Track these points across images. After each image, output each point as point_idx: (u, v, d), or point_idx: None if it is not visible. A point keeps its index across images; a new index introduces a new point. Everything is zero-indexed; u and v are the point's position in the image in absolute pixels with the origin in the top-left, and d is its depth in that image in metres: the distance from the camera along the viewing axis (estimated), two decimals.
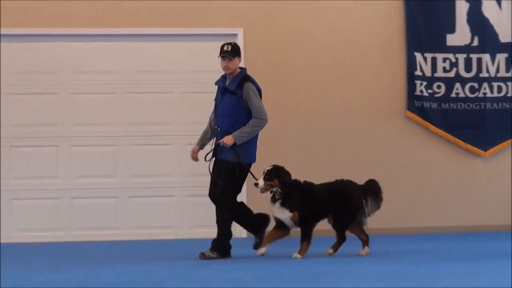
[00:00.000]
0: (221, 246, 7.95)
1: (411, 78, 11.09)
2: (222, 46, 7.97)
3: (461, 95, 11.11)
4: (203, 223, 11.02)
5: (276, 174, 7.80)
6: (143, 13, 10.97)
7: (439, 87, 11.08)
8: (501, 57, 11.12)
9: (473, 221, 11.25)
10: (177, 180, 11.17)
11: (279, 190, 7.79)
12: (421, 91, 11.09)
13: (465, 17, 11.13)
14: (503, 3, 11.18)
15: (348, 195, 8.27)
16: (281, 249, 8.24)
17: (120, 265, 7.96)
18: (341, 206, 8.23)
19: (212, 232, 8.17)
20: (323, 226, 8.51)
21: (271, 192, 7.82)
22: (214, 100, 8.24)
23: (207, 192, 8.81)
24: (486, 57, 11.12)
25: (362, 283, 6.03)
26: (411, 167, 11.27)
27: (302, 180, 8.01)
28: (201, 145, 8.31)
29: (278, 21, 11.16)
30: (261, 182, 7.73)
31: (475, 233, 10.92)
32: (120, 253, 9.66)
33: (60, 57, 11.12)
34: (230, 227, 8.12)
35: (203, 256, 7.71)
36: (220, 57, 7.97)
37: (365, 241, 8.36)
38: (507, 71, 11.20)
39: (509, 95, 11.21)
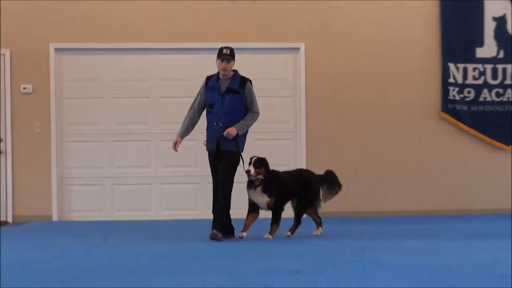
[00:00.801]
0: (226, 227, 8.35)
1: (445, 84, 11.55)
2: (221, 50, 8.17)
3: (488, 99, 11.57)
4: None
5: (263, 164, 8.20)
6: (217, 30, 11.35)
7: (469, 92, 11.56)
8: None
9: (498, 204, 11.66)
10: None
11: (261, 177, 8.17)
12: (454, 95, 11.55)
13: (492, 33, 11.58)
14: None
15: (308, 183, 8.79)
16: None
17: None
18: (303, 192, 8.73)
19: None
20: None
21: (250, 178, 8.13)
22: (206, 99, 8.31)
23: None
24: (510, 67, 11.53)
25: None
26: (445, 159, 11.70)
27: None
28: (183, 137, 8.51)
29: (334, 36, 11.60)
30: (252, 170, 8.07)
31: (499, 214, 11.39)
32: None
33: (149, 67, 11.62)
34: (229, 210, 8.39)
35: (214, 236, 8.06)
36: (219, 59, 8.14)
37: (319, 223, 8.95)
38: None
39: None
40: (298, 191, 8.68)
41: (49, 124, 11.40)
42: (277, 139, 11.72)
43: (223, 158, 8.25)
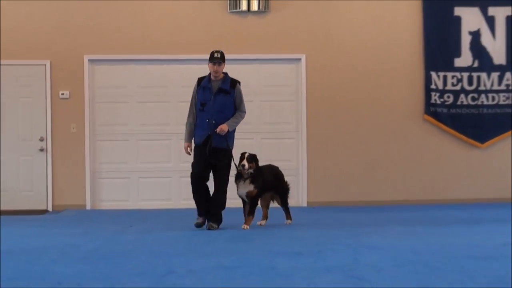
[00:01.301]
0: (220, 219, 8.16)
1: (427, 90, 11.49)
2: (213, 53, 7.93)
3: (465, 103, 11.50)
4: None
5: (254, 159, 7.97)
6: (229, 43, 11.00)
7: (448, 97, 11.49)
8: (495, 75, 11.49)
9: (475, 194, 11.68)
10: None
11: (251, 171, 7.90)
12: (435, 100, 11.49)
13: (468, 45, 11.53)
14: (497, 36, 11.50)
15: (281, 176, 8.67)
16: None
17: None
18: (280, 185, 8.60)
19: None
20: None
21: (238, 170, 7.94)
22: (199, 98, 8.05)
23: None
24: (483, 75, 11.48)
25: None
26: (428, 155, 11.64)
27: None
28: (190, 141, 8.28)
29: (330, 49, 11.50)
30: (246, 164, 7.84)
31: (477, 203, 11.42)
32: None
33: (169, 75, 11.60)
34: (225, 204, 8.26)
35: (211, 227, 7.90)
36: (211, 62, 7.88)
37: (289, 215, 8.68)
38: (499, 85, 11.55)
39: (500, 103, 11.54)
40: (273, 186, 8.52)
41: (83, 125, 11.45)
42: (282, 138, 11.74)
43: (219, 156, 8.03)
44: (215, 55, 7.91)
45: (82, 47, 11.35)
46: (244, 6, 11.23)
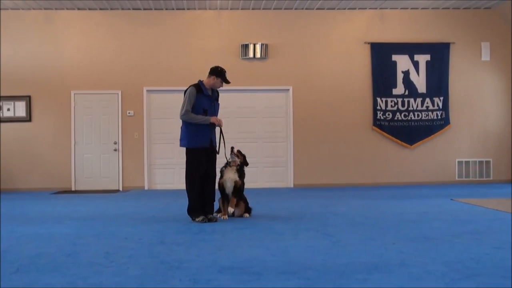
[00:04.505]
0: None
1: (375, 110, 11.34)
2: (225, 73, 6.18)
3: (399, 118, 11.36)
4: (278, 179, 11.09)
5: (241, 154, 6.37)
6: (240, 77, 10.94)
7: (388, 114, 11.34)
8: (419, 100, 11.37)
9: (404, 179, 11.42)
10: (258, 160, 11.13)
11: (238, 163, 6.24)
12: (380, 116, 11.35)
13: (401, 80, 11.41)
14: (420, 74, 11.37)
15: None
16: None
17: None
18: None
19: (276, 184, 8.17)
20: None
21: (234, 161, 6.26)
22: (202, 105, 6.05)
23: (275, 164, 9.33)
24: (411, 100, 11.35)
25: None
26: (375, 153, 11.43)
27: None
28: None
29: (309, 82, 11.32)
30: (239, 155, 6.29)
31: (406, 185, 11.16)
32: None
33: None
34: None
35: (214, 219, 5.99)
36: (221, 79, 6.13)
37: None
38: (421, 106, 11.36)
39: (423, 118, 11.36)
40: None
41: (143, 134, 11.27)
42: (276, 142, 11.57)
43: (214, 155, 6.16)
44: (227, 76, 6.20)
45: (142, 81, 11.25)
46: (251, 54, 11.20)
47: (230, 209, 6.13)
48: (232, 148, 6.36)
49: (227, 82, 6.18)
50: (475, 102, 11.65)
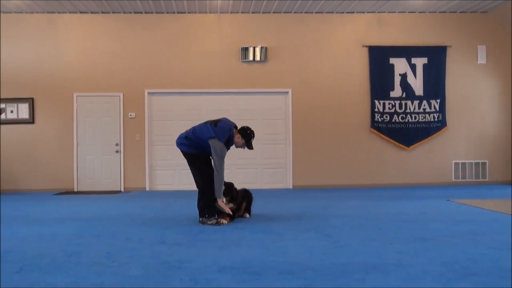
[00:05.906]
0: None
1: (372, 112, 11.27)
2: (251, 139, 5.80)
3: (397, 121, 11.30)
4: (277, 180, 10.99)
5: (231, 190, 6.01)
6: (242, 81, 11.02)
7: (386, 117, 11.28)
8: (416, 103, 11.32)
9: (401, 180, 11.38)
10: (258, 162, 11.18)
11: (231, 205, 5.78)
12: (377, 119, 11.29)
13: (399, 82, 11.34)
14: (417, 77, 11.29)
15: (249, 194, 6.55)
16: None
17: None
18: (248, 197, 6.36)
19: (276, 185, 7.98)
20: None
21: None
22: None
23: (275, 166, 9.08)
24: (408, 103, 11.30)
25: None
26: (373, 154, 11.38)
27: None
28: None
29: (308, 85, 11.25)
30: (228, 208, 5.82)
31: (402, 186, 11.16)
32: None
33: (201, 102, 11.17)
34: None
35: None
36: (247, 142, 5.76)
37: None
38: (418, 109, 11.26)
39: (420, 120, 11.29)
40: (243, 198, 6.48)
41: (144, 135, 11.19)
42: (276, 144, 11.48)
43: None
44: (252, 142, 5.91)
45: (143, 84, 11.18)
46: (251, 57, 11.13)
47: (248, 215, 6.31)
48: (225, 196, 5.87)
49: (250, 148, 5.74)
50: (472, 105, 11.62)
